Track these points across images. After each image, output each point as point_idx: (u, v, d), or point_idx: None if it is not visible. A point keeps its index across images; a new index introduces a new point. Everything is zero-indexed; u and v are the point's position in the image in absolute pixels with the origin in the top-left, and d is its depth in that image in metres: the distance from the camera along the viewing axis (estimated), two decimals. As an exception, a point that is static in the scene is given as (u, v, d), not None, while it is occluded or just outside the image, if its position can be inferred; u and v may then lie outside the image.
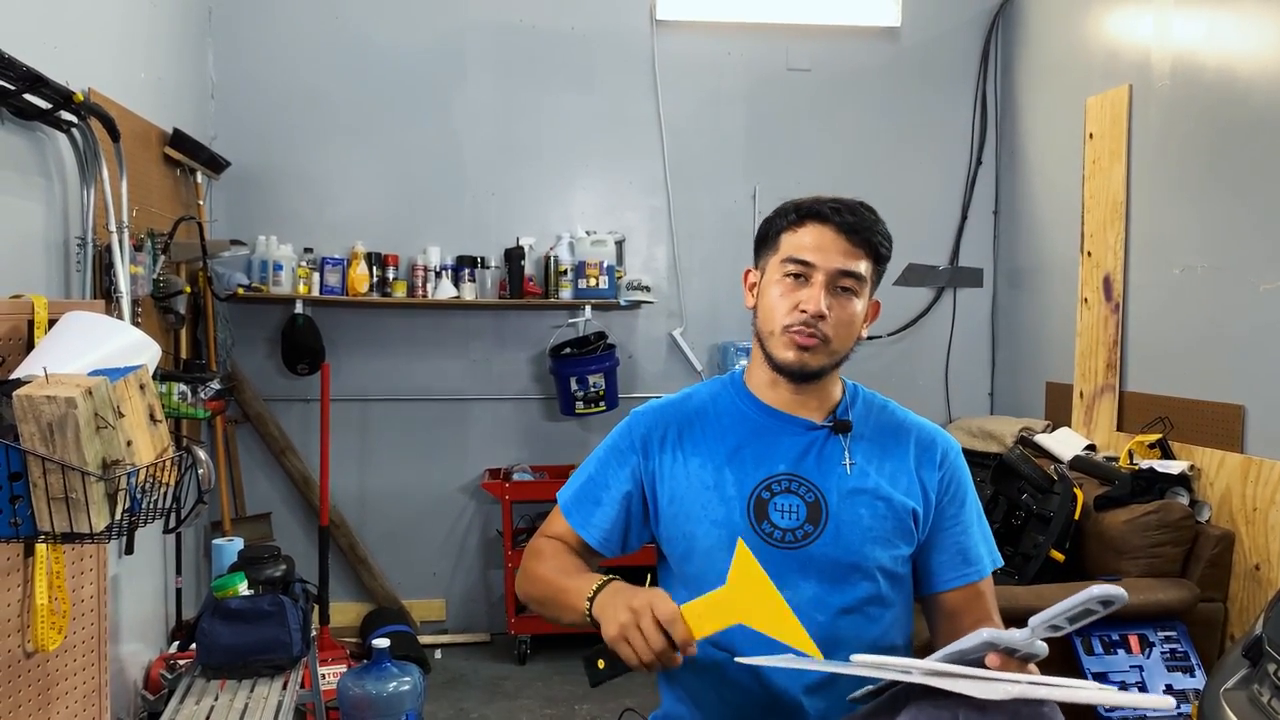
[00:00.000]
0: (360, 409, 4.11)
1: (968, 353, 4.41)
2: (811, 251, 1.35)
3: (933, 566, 1.41)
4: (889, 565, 1.36)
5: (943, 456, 1.43)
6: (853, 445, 1.40)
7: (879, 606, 1.36)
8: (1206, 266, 2.97)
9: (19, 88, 2.21)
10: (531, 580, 1.43)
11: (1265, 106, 2.73)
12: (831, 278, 1.34)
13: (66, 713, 2.00)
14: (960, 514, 1.42)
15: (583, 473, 1.51)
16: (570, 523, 1.47)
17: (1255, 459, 2.72)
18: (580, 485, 1.49)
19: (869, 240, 1.36)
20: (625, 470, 1.45)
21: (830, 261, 1.34)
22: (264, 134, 4.00)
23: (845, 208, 1.37)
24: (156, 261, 3.00)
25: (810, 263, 1.34)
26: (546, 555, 1.44)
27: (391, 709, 2.73)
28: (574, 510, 1.48)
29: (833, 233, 1.35)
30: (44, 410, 1.45)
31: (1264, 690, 1.52)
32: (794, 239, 1.37)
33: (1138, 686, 2.56)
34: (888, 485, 1.38)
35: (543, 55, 4.16)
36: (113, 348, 1.75)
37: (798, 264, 1.35)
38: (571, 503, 1.49)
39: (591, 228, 4.12)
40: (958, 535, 1.41)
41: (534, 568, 1.44)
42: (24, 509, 1.48)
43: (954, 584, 1.40)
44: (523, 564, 1.48)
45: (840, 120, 4.31)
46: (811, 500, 1.36)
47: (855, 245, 1.35)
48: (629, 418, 1.50)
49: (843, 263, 1.34)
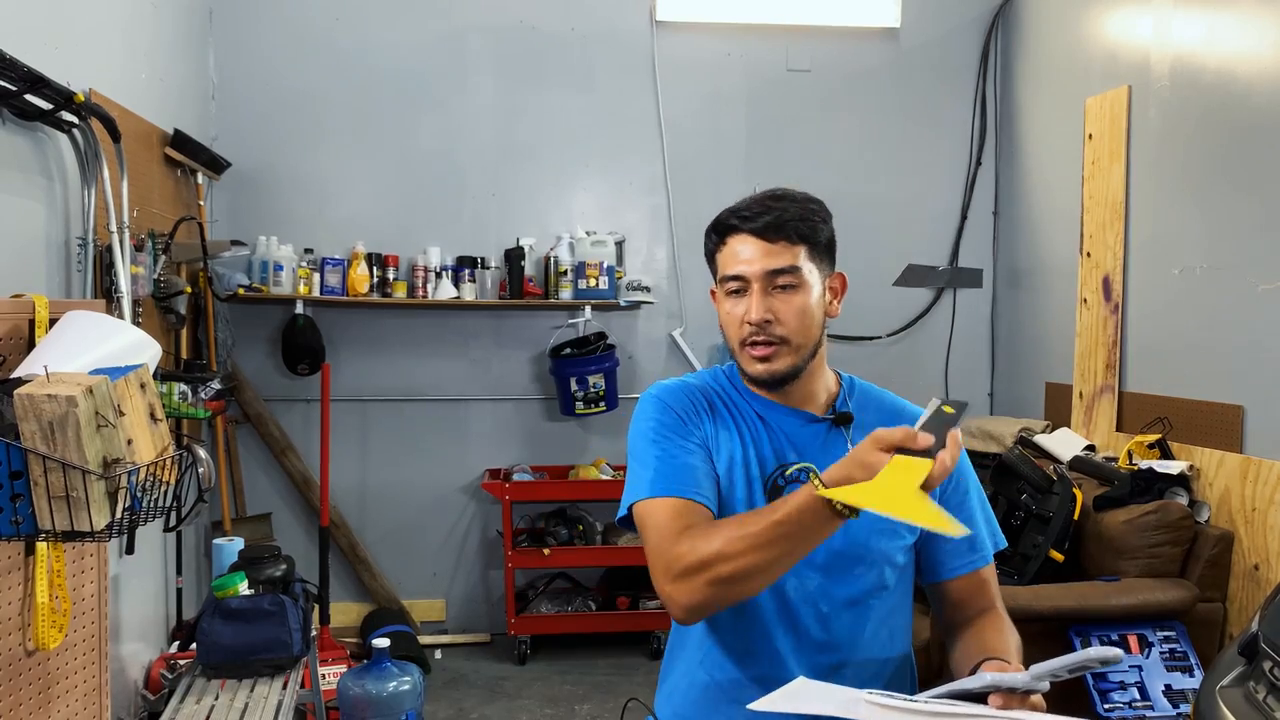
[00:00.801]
0: (360, 409, 4.11)
1: (967, 353, 4.41)
2: (737, 264, 1.37)
3: (939, 554, 1.42)
4: (893, 555, 1.38)
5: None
6: (854, 436, 1.41)
7: (882, 596, 1.37)
8: (1206, 267, 2.97)
9: (20, 88, 2.22)
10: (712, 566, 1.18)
11: (1264, 107, 2.73)
12: (764, 282, 1.35)
13: (67, 711, 2.01)
14: (965, 501, 1.43)
15: (646, 462, 1.34)
16: (675, 494, 1.28)
17: (1254, 459, 2.73)
18: (656, 469, 1.32)
19: (789, 231, 1.36)
20: (690, 438, 1.37)
21: (754, 266, 1.35)
22: (265, 135, 4.00)
23: (755, 210, 1.37)
24: (157, 262, 3.00)
25: (740, 275, 1.36)
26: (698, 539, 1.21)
27: (391, 709, 2.74)
28: (672, 485, 1.29)
29: (751, 238, 1.36)
30: (45, 409, 1.46)
31: (1259, 687, 1.52)
32: (723, 257, 1.39)
33: (1137, 687, 2.56)
34: None
35: (543, 56, 4.17)
36: (113, 347, 1.75)
37: (732, 280, 1.38)
38: (662, 483, 1.30)
39: (591, 228, 4.13)
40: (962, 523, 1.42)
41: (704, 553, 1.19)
42: (25, 507, 1.49)
43: (959, 572, 1.41)
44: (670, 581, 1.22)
45: (840, 121, 4.31)
46: None
47: (775, 241, 1.35)
48: (654, 398, 1.42)
49: (766, 264, 1.35)
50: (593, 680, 3.68)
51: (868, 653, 1.37)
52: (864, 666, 1.36)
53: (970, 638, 1.34)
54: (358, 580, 4.12)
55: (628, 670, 3.75)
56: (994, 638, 1.32)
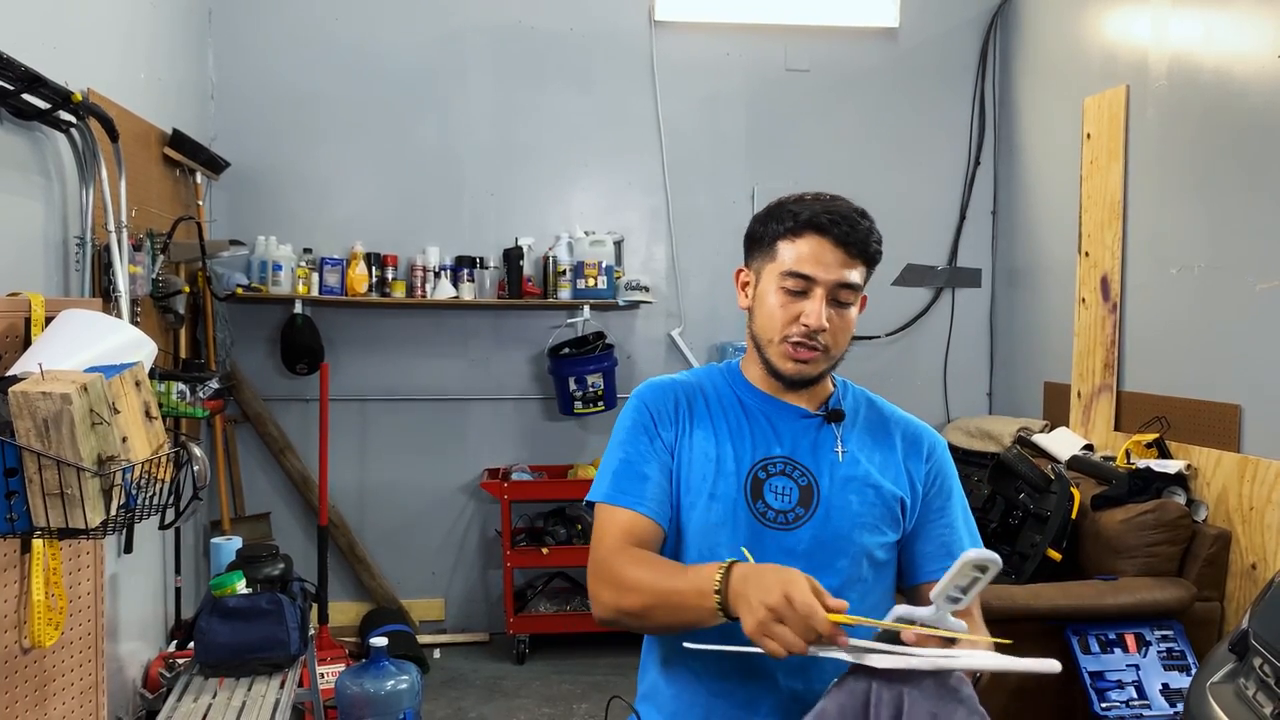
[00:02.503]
0: (359, 409, 4.12)
1: (966, 353, 4.41)
2: (811, 265, 1.35)
3: (916, 557, 1.43)
4: (875, 551, 1.39)
5: (929, 451, 1.46)
6: (845, 434, 1.43)
7: (862, 591, 1.38)
8: (1203, 266, 2.97)
9: (18, 88, 2.22)
10: (624, 592, 1.28)
11: (1261, 107, 2.73)
12: (831, 290, 1.35)
13: (63, 708, 2.01)
14: (946, 507, 1.44)
15: (610, 463, 1.42)
16: (622, 504, 1.36)
17: (1252, 458, 2.73)
18: (615, 471, 1.40)
19: (865, 250, 1.37)
20: (657, 443, 1.42)
21: (830, 274, 1.35)
22: (263, 134, 4.01)
23: (843, 218, 1.36)
24: (155, 261, 3.01)
25: (811, 276, 1.35)
26: (627, 562, 1.30)
27: (389, 707, 2.74)
28: (622, 493, 1.37)
29: (831, 245, 1.35)
30: (39, 406, 1.46)
31: (1249, 684, 1.52)
32: (792, 249, 1.36)
33: (1134, 686, 2.56)
34: (877, 474, 1.41)
35: (542, 56, 4.17)
36: (109, 345, 1.76)
37: (798, 278, 1.35)
38: (615, 490, 1.38)
39: (590, 228, 4.13)
40: (942, 528, 1.43)
41: (623, 577, 1.28)
42: (20, 505, 1.49)
43: (936, 575, 1.41)
44: (599, 584, 1.32)
45: (839, 121, 4.32)
46: (805, 484, 1.38)
47: (853, 256, 1.36)
48: (636, 396, 1.46)
49: (841, 275, 1.35)
50: (591, 680, 3.68)
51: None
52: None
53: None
54: (356, 579, 4.12)
55: (626, 670, 3.75)
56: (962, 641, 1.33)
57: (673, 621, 1.24)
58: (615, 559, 1.31)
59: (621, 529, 1.35)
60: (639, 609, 1.26)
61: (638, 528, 1.35)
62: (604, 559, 1.33)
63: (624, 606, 1.28)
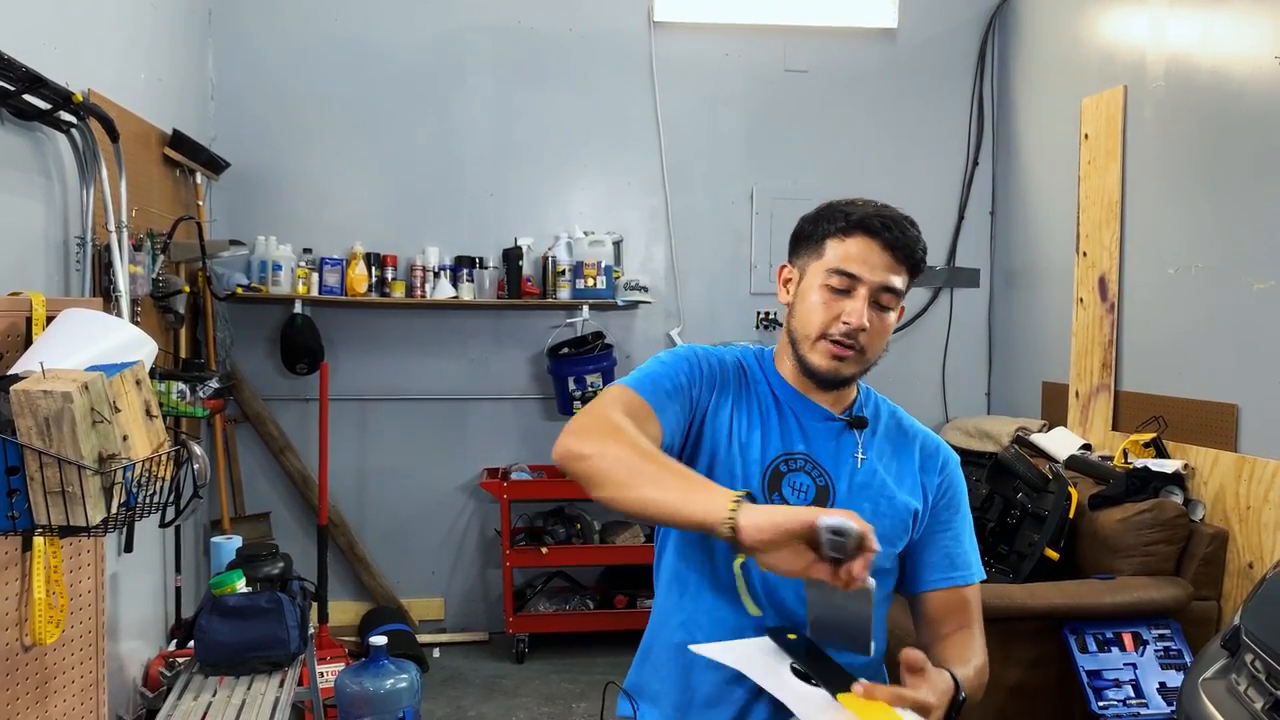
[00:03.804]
0: (359, 408, 4.12)
1: (964, 353, 4.42)
2: (858, 264, 1.35)
3: (920, 566, 1.44)
4: (880, 561, 1.38)
5: (944, 464, 1.47)
6: (866, 441, 1.43)
7: None
8: (1200, 266, 2.98)
9: (18, 88, 2.23)
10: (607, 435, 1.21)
11: (1259, 107, 2.74)
12: (874, 292, 1.35)
13: (64, 705, 2.02)
14: (953, 520, 1.45)
15: (644, 370, 1.38)
16: (643, 394, 1.31)
17: (1249, 457, 2.73)
18: (648, 374, 1.36)
19: (912, 256, 1.38)
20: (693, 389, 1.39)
21: (875, 276, 1.35)
22: (263, 135, 4.02)
23: (894, 223, 1.37)
24: (156, 261, 3.02)
25: (857, 275, 1.35)
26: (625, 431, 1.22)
27: (388, 706, 2.74)
28: (646, 388, 1.33)
29: (880, 247, 1.35)
30: (40, 405, 1.47)
31: (1241, 680, 1.53)
32: (841, 248, 1.36)
33: (1131, 685, 2.57)
34: (893, 483, 1.41)
35: (541, 56, 4.18)
36: (109, 344, 1.77)
37: (843, 276, 1.36)
38: (639, 383, 1.34)
39: (589, 228, 4.14)
40: (948, 540, 1.44)
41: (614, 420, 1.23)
42: (21, 502, 1.50)
43: (939, 585, 1.42)
44: (577, 420, 1.26)
45: (837, 121, 4.32)
46: (822, 484, 1.39)
47: (899, 261, 1.36)
48: (689, 347, 1.44)
49: (886, 278, 1.35)
50: (590, 679, 3.68)
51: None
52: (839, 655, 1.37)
53: (934, 655, 1.34)
54: (356, 579, 4.13)
55: (625, 669, 3.75)
56: (955, 653, 1.34)
57: (651, 499, 1.16)
58: (611, 409, 1.26)
59: (625, 400, 1.30)
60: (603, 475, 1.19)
61: (641, 409, 1.29)
62: (593, 407, 1.28)
63: (593, 447, 1.20)
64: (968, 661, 1.32)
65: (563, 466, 1.23)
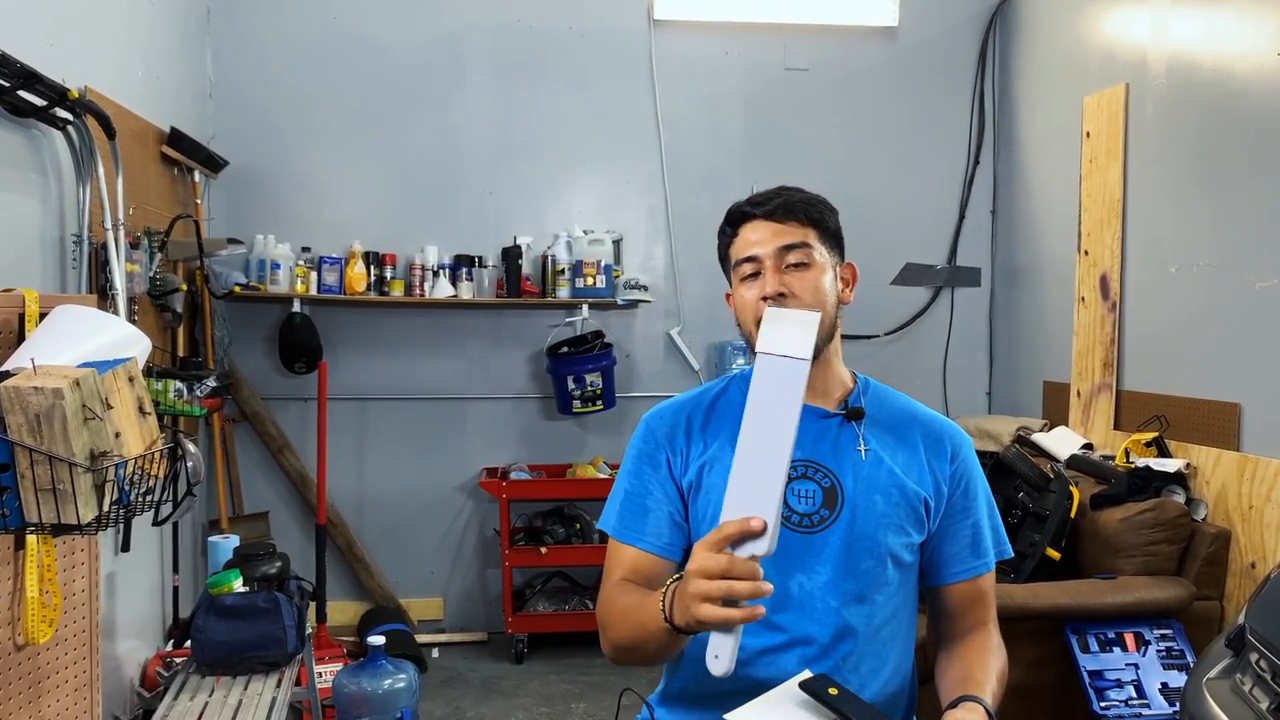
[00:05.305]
0: (357, 408, 4.11)
1: (965, 352, 4.41)
2: (750, 247, 1.41)
3: (943, 558, 1.43)
4: (900, 552, 1.38)
5: (954, 450, 1.45)
6: (866, 432, 1.42)
7: (888, 593, 1.38)
8: (1202, 265, 2.97)
9: (14, 85, 2.22)
10: (613, 630, 1.34)
11: (1260, 105, 2.72)
12: (776, 259, 1.38)
13: (57, 705, 2.00)
14: (971, 507, 1.44)
15: (617, 494, 1.46)
16: (624, 541, 1.42)
17: (1251, 457, 2.72)
18: (621, 504, 1.45)
19: (799, 213, 1.41)
20: (660, 471, 1.44)
21: (768, 245, 1.39)
22: (262, 133, 4.01)
23: (764, 197, 1.43)
24: (153, 259, 3.01)
25: (754, 256, 1.40)
26: (615, 601, 1.36)
27: (386, 706, 2.73)
28: (624, 529, 1.43)
29: (762, 221, 1.41)
30: (31, 401, 1.46)
31: (1246, 679, 1.51)
32: (737, 246, 1.43)
33: (1133, 685, 2.55)
34: (900, 472, 1.40)
35: (541, 55, 4.17)
36: (103, 341, 1.75)
37: (746, 262, 1.41)
38: (619, 524, 1.43)
39: (589, 227, 4.12)
40: (967, 529, 1.43)
41: (608, 619, 1.35)
42: (12, 500, 1.49)
43: (961, 576, 1.42)
44: (600, 625, 1.39)
45: (838, 120, 4.31)
46: (828, 485, 1.38)
47: (783, 219, 1.40)
48: (644, 423, 1.49)
49: (778, 241, 1.39)
50: (589, 679, 3.67)
51: (870, 647, 1.37)
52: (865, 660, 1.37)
53: (957, 659, 1.37)
54: (355, 579, 4.11)
55: (624, 669, 3.74)
56: (977, 661, 1.35)
57: (653, 652, 1.26)
58: (608, 599, 1.38)
59: (624, 567, 1.41)
60: (625, 645, 1.31)
61: (641, 564, 1.40)
62: (602, 599, 1.40)
63: (615, 644, 1.33)
64: (990, 670, 1.33)
65: (614, 660, 1.37)
